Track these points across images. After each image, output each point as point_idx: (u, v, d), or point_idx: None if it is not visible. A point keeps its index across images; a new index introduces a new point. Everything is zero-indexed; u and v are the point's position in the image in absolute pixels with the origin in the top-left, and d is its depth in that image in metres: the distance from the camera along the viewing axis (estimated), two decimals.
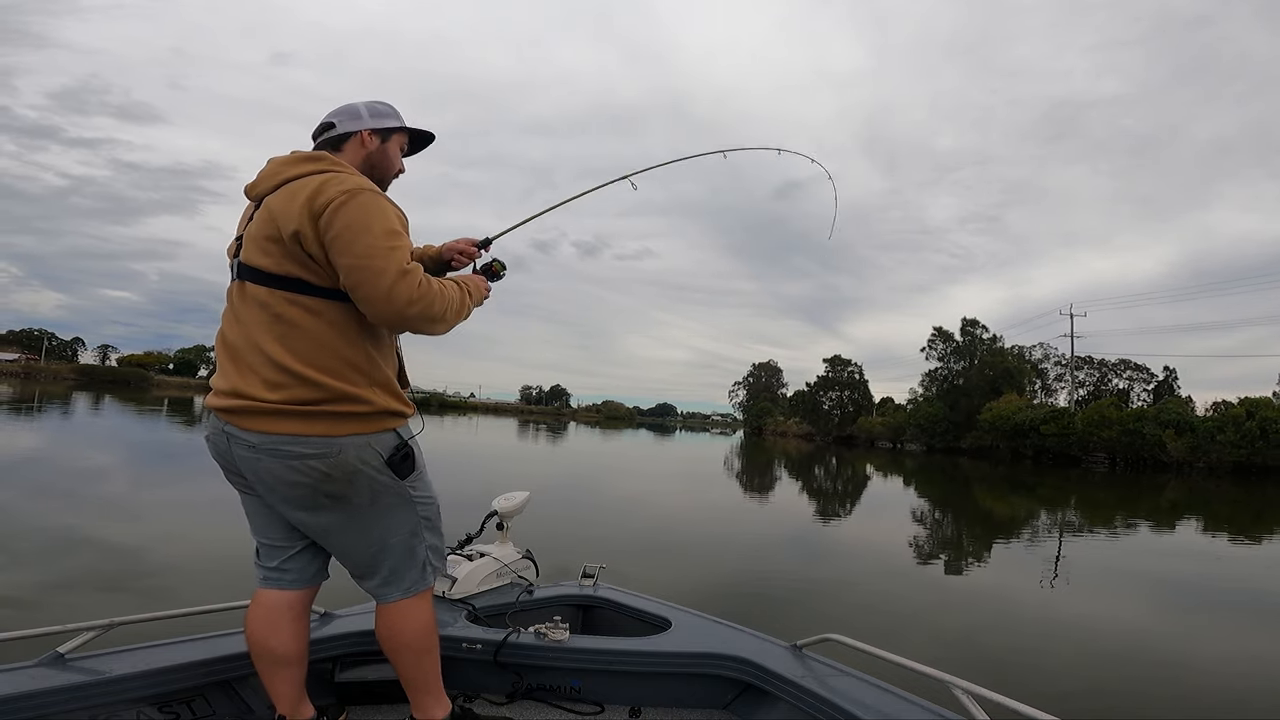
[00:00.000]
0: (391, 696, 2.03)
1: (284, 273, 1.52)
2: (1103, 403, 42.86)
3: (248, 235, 1.58)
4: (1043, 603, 6.52)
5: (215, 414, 1.58)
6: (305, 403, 1.51)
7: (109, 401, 36.45)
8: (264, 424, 1.51)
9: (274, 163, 1.63)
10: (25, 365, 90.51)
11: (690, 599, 3.00)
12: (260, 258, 1.53)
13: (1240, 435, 33.57)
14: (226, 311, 1.61)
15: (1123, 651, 4.98)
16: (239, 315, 1.57)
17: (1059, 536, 11.52)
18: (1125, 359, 62.79)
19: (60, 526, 6.51)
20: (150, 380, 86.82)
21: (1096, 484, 26.78)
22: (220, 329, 1.62)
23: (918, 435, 54.02)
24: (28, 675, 1.66)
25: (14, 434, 16.68)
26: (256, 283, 1.54)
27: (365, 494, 1.57)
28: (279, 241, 1.51)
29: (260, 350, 1.52)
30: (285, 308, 1.52)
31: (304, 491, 1.54)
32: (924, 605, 6.05)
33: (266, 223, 1.54)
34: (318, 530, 1.63)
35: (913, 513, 14.35)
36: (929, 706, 1.71)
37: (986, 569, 8.35)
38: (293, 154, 1.63)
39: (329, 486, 1.54)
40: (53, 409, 27.06)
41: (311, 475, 1.52)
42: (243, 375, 1.53)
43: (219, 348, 1.62)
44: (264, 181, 1.60)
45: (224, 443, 1.57)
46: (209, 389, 1.64)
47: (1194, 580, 8.21)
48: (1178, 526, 14.24)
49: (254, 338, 1.53)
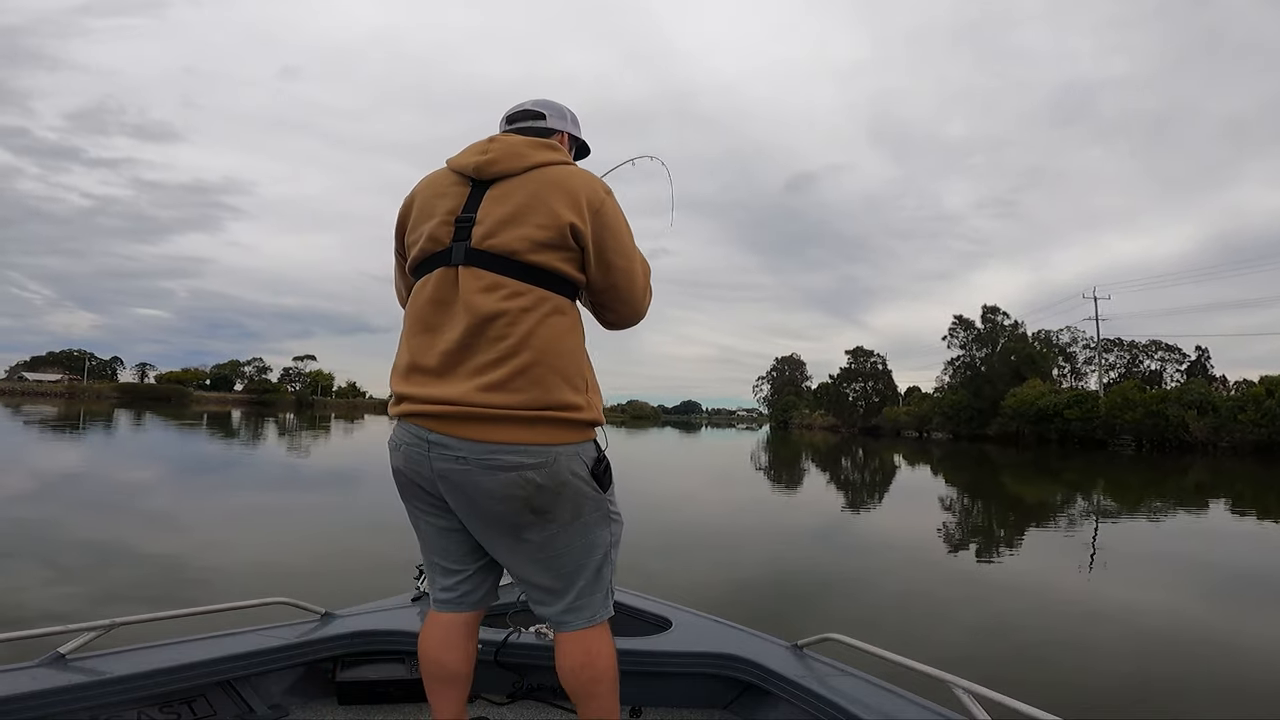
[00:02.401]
0: (391, 696, 2.05)
1: (539, 264, 1.39)
2: (1126, 385, 42.75)
3: (494, 215, 1.41)
4: (1076, 591, 6.34)
5: (414, 422, 1.40)
6: (529, 408, 1.36)
7: (153, 418, 37.57)
8: (481, 432, 1.35)
9: (511, 142, 1.47)
10: (69, 385, 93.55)
11: (695, 598, 3.02)
12: (516, 243, 1.38)
13: (1261, 414, 33.55)
14: (426, 304, 1.42)
15: (1165, 639, 4.86)
16: (465, 306, 1.38)
17: (1094, 521, 11.42)
18: (1156, 340, 62.00)
19: (110, 539, 6.60)
20: (189, 396, 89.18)
21: (1123, 467, 26.75)
22: (416, 324, 1.44)
23: (943, 424, 53.95)
24: (28, 675, 1.66)
25: (69, 449, 17.45)
26: (499, 271, 1.39)
27: (569, 508, 1.42)
28: (546, 229, 1.39)
29: (488, 348, 1.37)
30: (527, 301, 1.38)
31: (514, 506, 1.39)
32: (952, 599, 5.90)
33: (520, 202, 1.41)
34: (508, 549, 1.46)
35: (941, 501, 14.23)
36: (930, 706, 1.69)
37: (1014, 558, 8.20)
38: (529, 138, 1.50)
39: (540, 500, 1.39)
40: (103, 427, 27.99)
41: (526, 488, 1.37)
42: (459, 377, 1.37)
43: (417, 346, 1.43)
44: (505, 161, 1.44)
45: (422, 454, 1.39)
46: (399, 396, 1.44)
47: (1226, 563, 8.01)
48: (1205, 508, 13.87)
49: (481, 333, 1.37)
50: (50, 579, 5.11)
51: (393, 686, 2.04)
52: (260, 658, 1.98)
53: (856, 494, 15.50)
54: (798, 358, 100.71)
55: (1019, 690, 1.55)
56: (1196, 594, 6.49)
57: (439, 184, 1.50)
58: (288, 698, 2.02)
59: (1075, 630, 4.97)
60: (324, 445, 24.19)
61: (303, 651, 2.06)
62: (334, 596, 2.20)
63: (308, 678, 2.06)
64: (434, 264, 1.44)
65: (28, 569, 5.32)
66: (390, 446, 1.49)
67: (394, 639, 2.15)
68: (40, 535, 6.65)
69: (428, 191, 1.51)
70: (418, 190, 1.54)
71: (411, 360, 1.43)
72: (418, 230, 1.47)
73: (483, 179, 1.45)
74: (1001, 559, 8.13)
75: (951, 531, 9.99)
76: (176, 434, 25.74)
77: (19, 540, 6.37)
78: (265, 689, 1.98)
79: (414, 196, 1.54)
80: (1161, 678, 4.15)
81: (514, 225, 1.40)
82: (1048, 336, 59.60)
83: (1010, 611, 5.54)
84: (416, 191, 1.54)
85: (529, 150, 1.46)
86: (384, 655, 2.12)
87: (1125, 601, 5.98)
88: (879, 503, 14.17)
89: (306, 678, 2.06)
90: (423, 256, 1.45)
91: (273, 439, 25.56)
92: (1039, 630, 4.99)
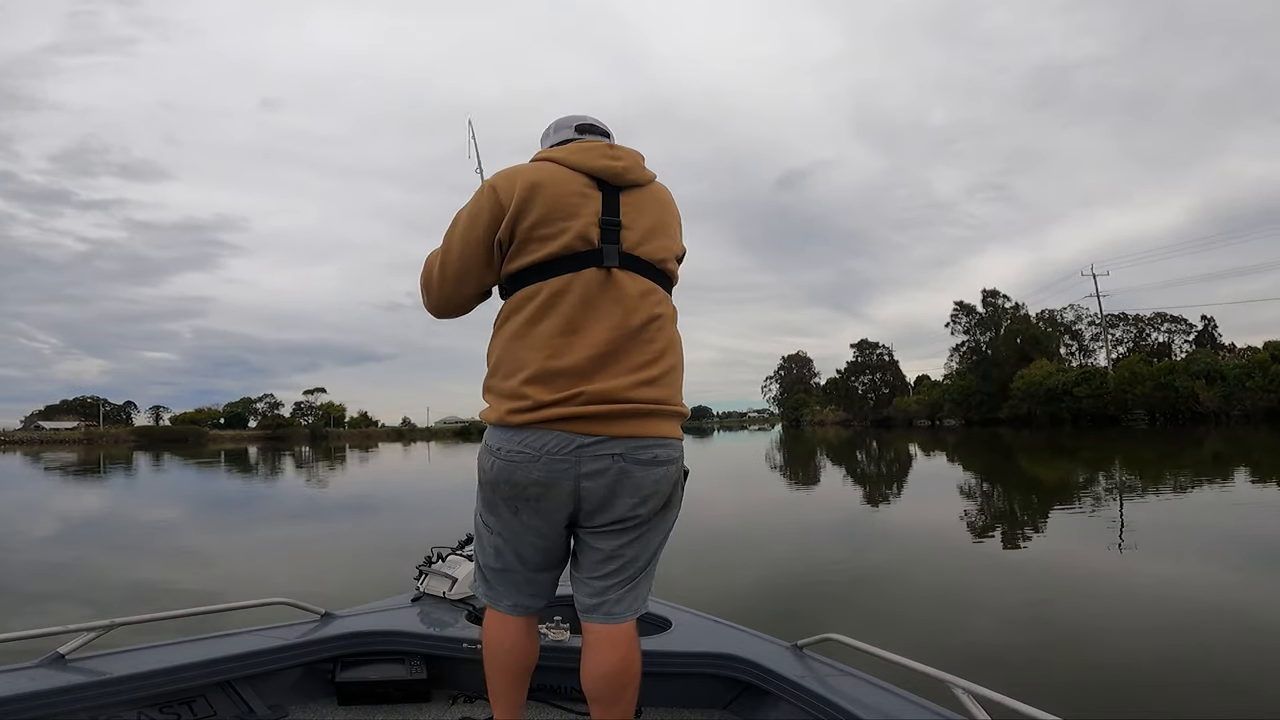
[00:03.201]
0: (391, 696, 2.04)
1: (671, 273, 1.52)
2: (1133, 359, 42.82)
3: (639, 224, 1.46)
4: (1108, 570, 6.23)
5: (559, 428, 1.36)
6: (666, 403, 1.43)
7: (172, 459, 37.96)
8: (635, 427, 1.38)
9: (633, 153, 1.54)
10: (86, 432, 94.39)
11: (695, 598, 3.05)
12: (654, 250, 1.47)
13: (1269, 380, 33.38)
14: (577, 304, 1.39)
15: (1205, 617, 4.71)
16: (626, 309, 1.40)
17: (1115, 499, 11.29)
18: (1161, 312, 61.81)
19: (145, 579, 6.69)
20: (206, 435, 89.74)
21: (1137, 442, 26.81)
22: (560, 323, 1.39)
23: (954, 410, 53.92)
24: (28, 676, 1.66)
25: (95, 493, 17.67)
26: (649, 277, 1.45)
27: (679, 500, 1.49)
28: (674, 243, 1.53)
29: (641, 349, 1.41)
30: (663, 305, 1.47)
31: (658, 500, 1.42)
32: (978, 588, 5.82)
33: (658, 215, 1.51)
34: (613, 544, 1.45)
35: (959, 488, 14.15)
36: (930, 706, 1.69)
37: (1039, 541, 8.09)
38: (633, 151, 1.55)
39: (674, 492, 1.46)
40: (124, 470, 28.36)
41: (671, 480, 1.43)
42: (609, 375, 1.38)
43: (560, 346, 1.38)
44: (636, 171, 1.51)
45: (568, 462, 1.36)
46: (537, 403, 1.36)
47: (1257, 534, 7.77)
48: (1227, 479, 13.95)
49: (637, 335, 1.41)
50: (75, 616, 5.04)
51: (392, 687, 2.04)
52: (260, 658, 1.98)
53: (872, 487, 15.45)
54: (804, 355, 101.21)
55: (1029, 689, 1.50)
56: (1230, 569, 6.30)
57: (568, 181, 1.44)
58: (287, 698, 2.02)
59: (1108, 613, 4.84)
60: (343, 475, 24.46)
61: (302, 652, 2.06)
62: (333, 596, 2.27)
63: (307, 678, 2.06)
64: (579, 263, 1.40)
65: (63, 610, 5.36)
66: (502, 456, 1.40)
67: (394, 639, 2.16)
68: (76, 578, 6.73)
69: (558, 187, 1.43)
70: (538, 181, 1.43)
71: (551, 362, 1.37)
72: (556, 225, 1.41)
73: (616, 185, 1.47)
74: (1026, 544, 8.06)
75: (974, 519, 9.92)
76: (196, 473, 26.02)
77: (51, 583, 6.46)
78: (265, 689, 1.98)
79: (534, 187, 1.42)
80: (1205, 657, 4.00)
81: (657, 235, 1.49)
82: (1052, 316, 59.52)
83: (1041, 599, 5.44)
84: (537, 182, 1.43)
85: (641, 164, 1.53)
86: (384, 655, 2.12)
87: (1161, 578, 5.90)
88: (895, 494, 14.11)
89: (306, 678, 2.06)
90: (566, 254, 1.40)
91: (291, 472, 25.85)
92: (1066, 618, 4.88)
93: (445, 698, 2.10)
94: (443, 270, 1.51)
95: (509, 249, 1.45)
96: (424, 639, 2.15)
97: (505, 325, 1.45)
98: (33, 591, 6.13)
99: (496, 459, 1.41)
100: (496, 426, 1.43)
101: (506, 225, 1.43)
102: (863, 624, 4.61)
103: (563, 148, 1.52)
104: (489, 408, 1.45)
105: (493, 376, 1.46)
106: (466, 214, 1.49)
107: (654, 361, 1.42)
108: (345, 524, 11.00)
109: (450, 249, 1.49)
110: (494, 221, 1.44)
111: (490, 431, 1.45)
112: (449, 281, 1.51)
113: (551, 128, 1.65)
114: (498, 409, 1.42)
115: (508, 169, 1.50)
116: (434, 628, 2.19)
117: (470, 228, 1.46)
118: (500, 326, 1.47)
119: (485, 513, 1.51)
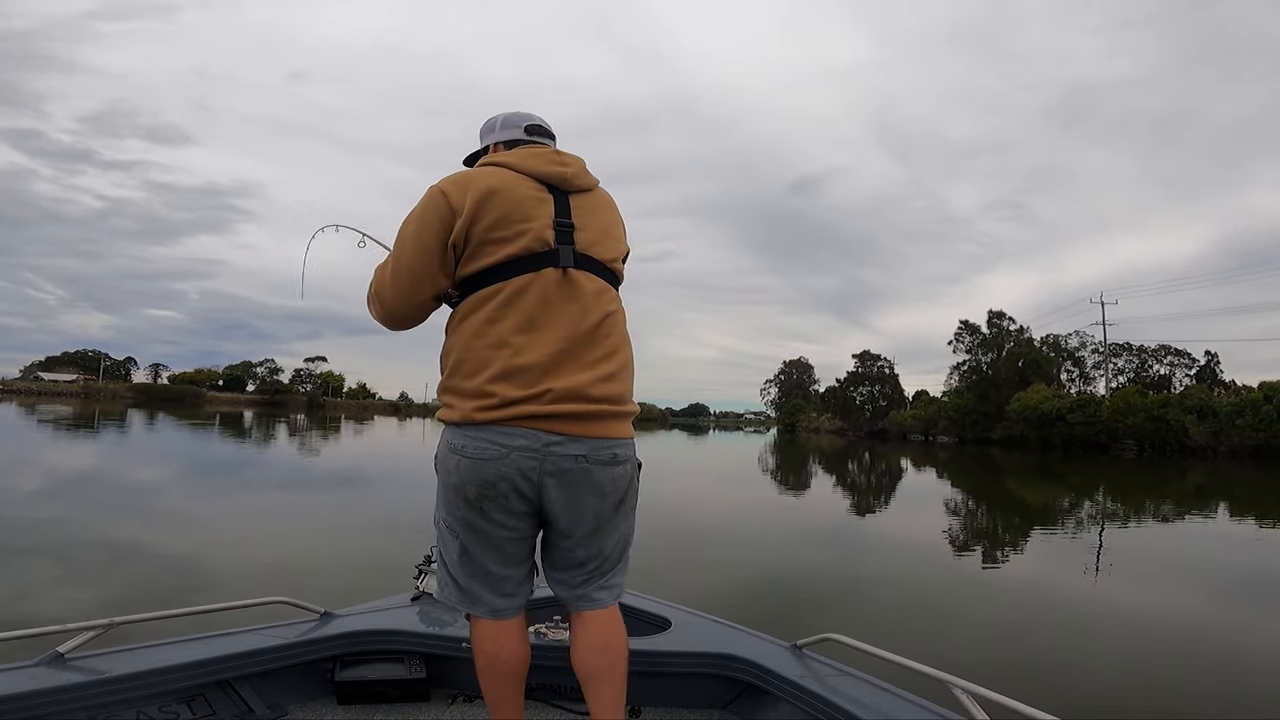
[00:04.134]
0: (390, 696, 2.04)
1: (619, 273, 1.58)
2: (1128, 390, 43.14)
3: (591, 226, 1.53)
4: (1080, 592, 6.37)
5: (527, 425, 1.38)
6: (625, 402, 1.49)
7: (167, 419, 37.98)
8: (598, 428, 1.43)
9: (578, 159, 1.59)
10: (84, 386, 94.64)
11: (695, 597, 3.07)
12: (605, 251, 1.53)
13: (1258, 419, 33.88)
14: (536, 303, 1.43)
15: (1167, 639, 4.85)
16: (583, 307, 1.45)
17: (1097, 524, 11.51)
18: (1165, 344, 61.76)
19: (123, 539, 6.73)
20: (203, 397, 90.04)
21: (1124, 470, 26.99)
22: (522, 321, 1.42)
23: (948, 427, 54.02)
24: (27, 675, 1.66)
25: (84, 449, 17.98)
26: (602, 277, 1.51)
27: (635, 496, 1.56)
28: (621, 245, 1.60)
29: (597, 345, 1.45)
30: (615, 304, 1.53)
31: (614, 499, 1.48)
32: (958, 600, 5.92)
33: (606, 218, 1.58)
34: (582, 538, 1.50)
35: (945, 504, 14.35)
36: (929, 706, 1.69)
37: (1018, 560, 8.28)
38: (577, 157, 1.60)
39: (629, 490, 1.53)
40: (117, 427, 28.25)
41: (626, 480, 1.50)
42: (569, 371, 1.41)
43: (522, 344, 1.41)
44: (582, 177, 1.57)
45: (534, 459, 1.39)
46: (504, 400, 1.39)
47: (1228, 564, 8.04)
48: (1205, 511, 14.27)
49: (594, 332, 1.45)
50: (60, 578, 5.24)
51: (392, 686, 2.04)
52: (259, 657, 1.98)
53: (862, 497, 15.59)
54: (805, 361, 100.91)
55: (1020, 690, 1.55)
56: (1199, 596, 6.54)
57: (522, 185, 1.49)
58: (287, 697, 2.02)
59: (1079, 630, 5.00)
60: (334, 446, 24.59)
61: (302, 651, 2.06)
62: (333, 596, 2.23)
63: (307, 677, 2.07)
64: (538, 263, 1.44)
65: (43, 568, 5.43)
66: (468, 455, 1.41)
67: (393, 639, 2.16)
68: (54, 535, 6.76)
69: (513, 190, 1.47)
70: (494, 186, 1.47)
71: (515, 359, 1.40)
72: (513, 227, 1.45)
73: (565, 190, 1.53)
74: (1005, 562, 8.23)
75: (956, 534, 10.05)
76: (190, 434, 26.15)
77: (34, 539, 6.53)
78: (264, 689, 1.98)
79: (490, 191, 1.46)
80: (1164, 678, 4.19)
81: (608, 237, 1.56)
82: (1056, 341, 59.51)
83: (1014, 614, 5.60)
84: (493, 186, 1.47)
85: (589, 170, 1.60)
86: (383, 655, 2.12)
87: (1130, 604, 6.04)
88: (884, 505, 14.27)
89: (305, 677, 2.07)
90: (524, 254, 1.44)
91: (284, 440, 25.99)
92: (1045, 632, 5.06)
93: (445, 697, 2.10)
94: (395, 276, 1.50)
95: (463, 251, 1.46)
96: (423, 638, 2.15)
97: (463, 324, 1.46)
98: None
99: (462, 458, 1.41)
100: (460, 426, 1.43)
101: (461, 228, 1.44)
102: (859, 626, 4.71)
103: (512, 153, 1.57)
104: (450, 408, 1.45)
105: (453, 376, 1.46)
106: (416, 219, 1.49)
107: (609, 357, 1.47)
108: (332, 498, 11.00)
109: (402, 254, 1.49)
110: (445, 225, 1.45)
111: (452, 432, 1.45)
112: (402, 288, 1.50)
113: (498, 122, 1.67)
114: (461, 408, 1.42)
115: (458, 174, 1.53)
116: (433, 627, 2.20)
117: (421, 231, 1.46)
118: (457, 326, 1.48)
119: (449, 516, 1.50)
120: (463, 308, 1.47)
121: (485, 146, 1.69)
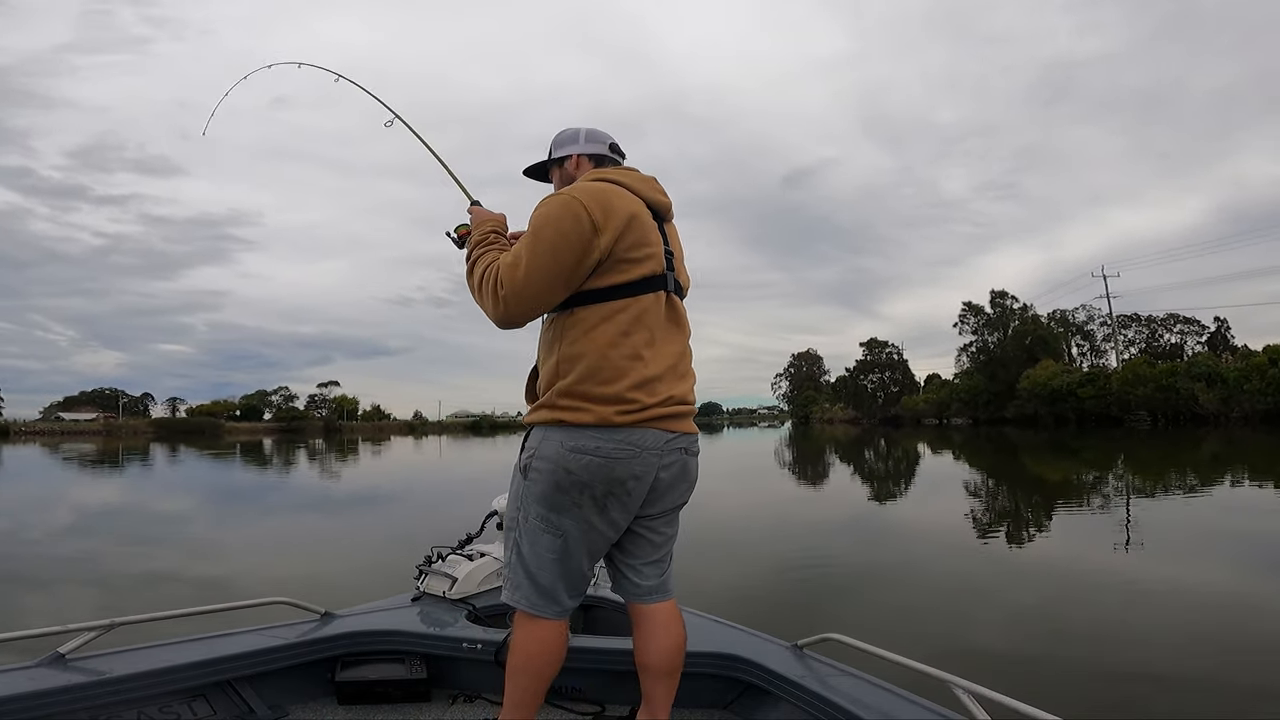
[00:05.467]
0: (391, 696, 2.04)
1: (686, 294, 1.75)
2: (1136, 361, 43.16)
3: (680, 257, 1.73)
4: (1112, 570, 6.19)
5: (658, 426, 1.55)
6: (694, 403, 1.69)
7: (189, 451, 38.40)
8: (689, 425, 1.65)
9: (659, 186, 1.72)
10: (105, 424, 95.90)
11: (695, 597, 3.09)
12: (684, 278, 1.72)
13: (1266, 383, 33.68)
14: (663, 320, 1.61)
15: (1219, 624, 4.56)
16: (680, 328, 1.67)
17: (1121, 498, 11.34)
18: (1174, 313, 61.52)
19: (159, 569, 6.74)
20: (222, 428, 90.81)
21: (1138, 442, 26.89)
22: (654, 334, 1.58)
23: (961, 409, 54.09)
24: (28, 675, 1.66)
25: (113, 484, 18.16)
26: (681, 298, 1.69)
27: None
28: (686, 269, 1.76)
29: (687, 360, 1.68)
30: (689, 323, 1.72)
31: (691, 485, 1.69)
32: (985, 588, 5.77)
33: (680, 249, 1.75)
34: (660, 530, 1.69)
35: (964, 486, 14.22)
36: (930, 706, 1.69)
37: (1037, 541, 8.05)
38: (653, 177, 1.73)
39: (697, 477, 1.71)
40: (141, 462, 28.80)
41: (697, 468, 1.70)
42: (683, 382, 1.64)
43: (652, 356, 1.56)
44: (671, 209, 1.73)
45: (655, 458, 1.55)
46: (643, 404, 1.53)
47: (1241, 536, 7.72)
48: (1223, 480, 14.09)
49: (687, 348, 1.69)
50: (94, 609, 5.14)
51: (392, 686, 2.05)
52: (260, 658, 1.98)
53: (880, 484, 15.49)
54: (814, 353, 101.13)
55: (1022, 691, 1.54)
56: (1241, 570, 6.26)
57: (643, 211, 1.60)
58: (287, 698, 2.02)
59: (1113, 617, 4.80)
60: (356, 467, 25.01)
61: (302, 651, 2.07)
62: (333, 596, 2.21)
63: (308, 678, 2.07)
64: (656, 285, 1.59)
65: (80, 597, 5.44)
66: (601, 455, 1.49)
67: (394, 639, 2.16)
68: (92, 571, 6.80)
69: (643, 215, 1.59)
70: (635, 212, 1.57)
71: (646, 370, 1.54)
72: (644, 250, 1.57)
73: (663, 218, 1.70)
74: (1030, 542, 8.07)
75: (978, 516, 10.00)
76: (214, 464, 26.51)
77: (71, 570, 6.65)
78: (265, 689, 1.98)
79: (630, 216, 1.55)
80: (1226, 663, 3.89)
81: (684, 266, 1.74)
82: (1063, 316, 59.39)
83: (1040, 599, 5.45)
84: (635, 213, 1.57)
85: None
86: (384, 655, 2.13)
87: (1168, 580, 5.87)
88: (902, 492, 14.16)
89: (306, 678, 2.07)
90: (651, 276, 1.57)
91: (304, 464, 26.43)
92: (1077, 617, 4.86)
93: (445, 697, 2.11)
94: (528, 282, 1.50)
95: (598, 267, 1.52)
96: (424, 639, 2.17)
97: (593, 334, 1.51)
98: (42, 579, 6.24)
99: (593, 458, 1.48)
100: (592, 428, 1.49)
101: (605, 246, 1.51)
102: (869, 621, 4.73)
103: (627, 175, 1.67)
104: (579, 411, 1.49)
105: (585, 382, 1.50)
106: (553, 229, 1.49)
107: (691, 368, 1.70)
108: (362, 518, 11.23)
109: (538, 263, 1.49)
110: (585, 241, 1.49)
111: (576, 433, 1.49)
112: (536, 295, 1.51)
113: (581, 135, 1.76)
114: (598, 411, 1.49)
115: (595, 189, 1.56)
116: (434, 627, 2.22)
117: (559, 244, 1.48)
118: (584, 334, 1.52)
119: (551, 515, 1.53)
120: (589, 318, 1.53)
121: (560, 157, 1.77)
